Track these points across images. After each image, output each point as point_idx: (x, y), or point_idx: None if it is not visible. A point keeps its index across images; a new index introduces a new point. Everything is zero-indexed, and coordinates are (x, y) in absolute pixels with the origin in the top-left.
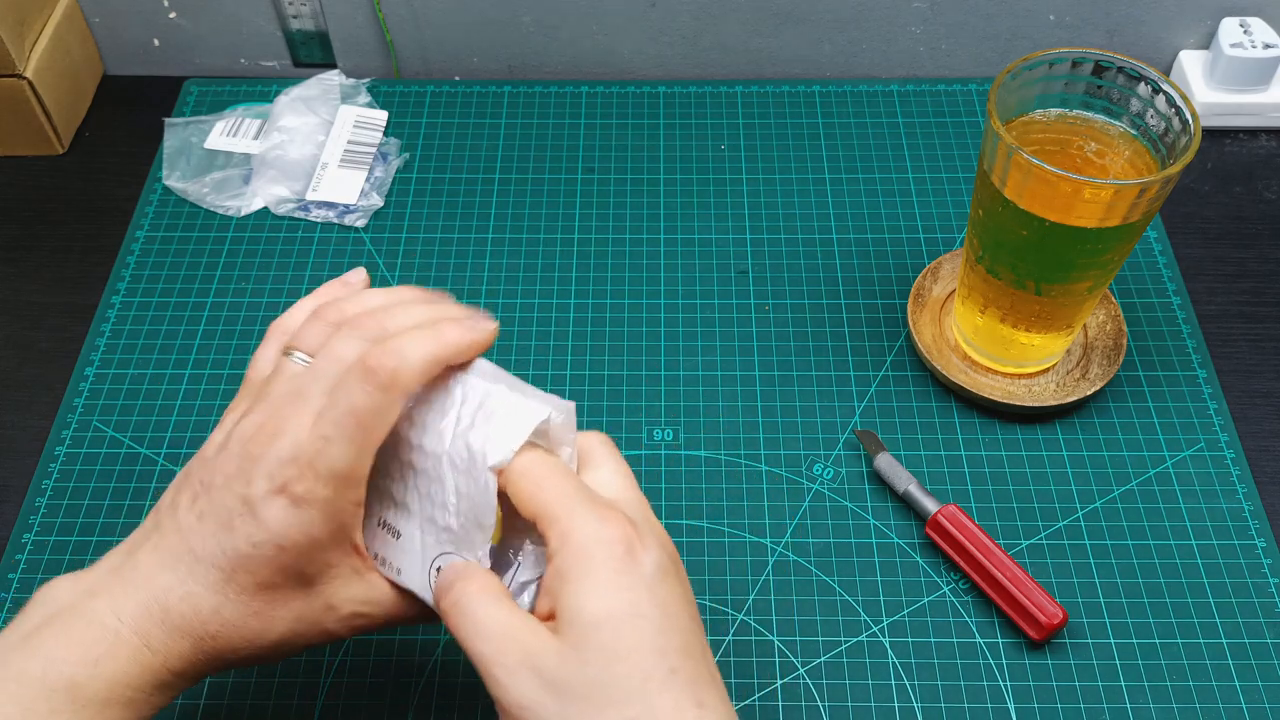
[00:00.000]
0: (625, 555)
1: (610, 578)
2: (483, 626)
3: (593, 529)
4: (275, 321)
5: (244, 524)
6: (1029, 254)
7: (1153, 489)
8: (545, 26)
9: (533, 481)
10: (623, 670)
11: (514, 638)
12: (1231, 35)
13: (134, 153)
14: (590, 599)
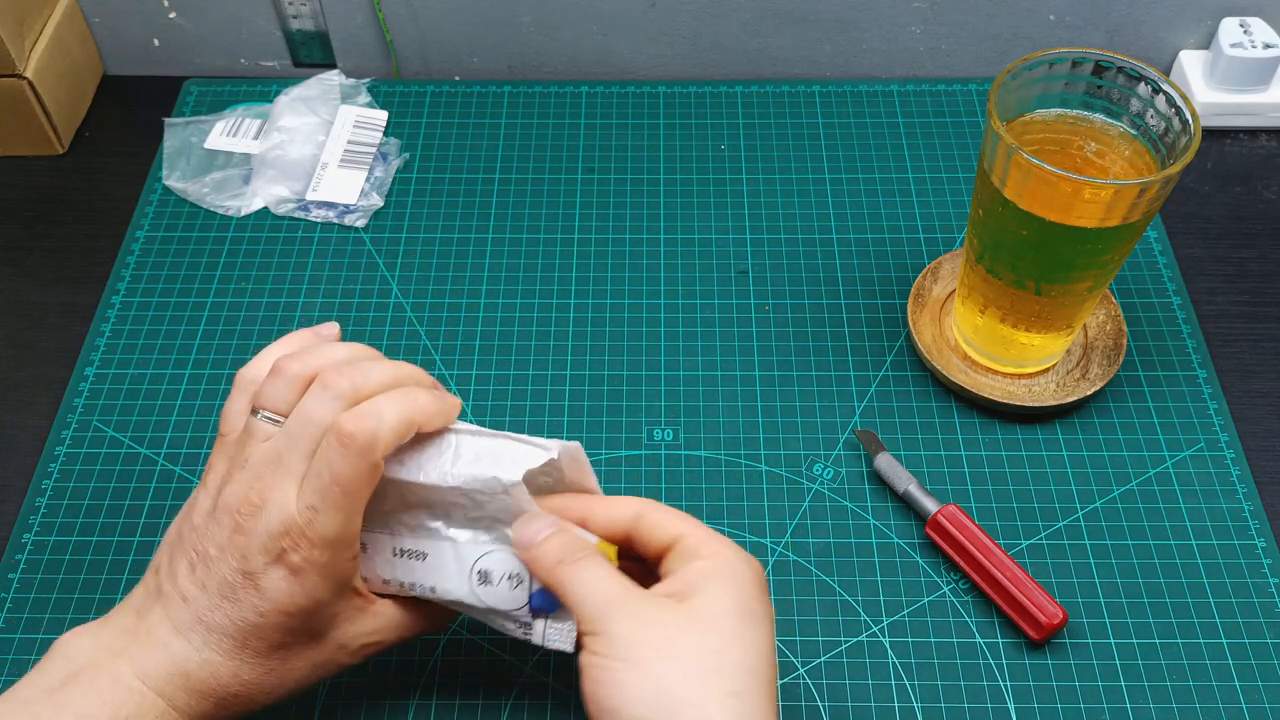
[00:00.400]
0: (762, 586)
1: (749, 590)
2: (604, 578)
3: (741, 556)
4: (241, 371)
5: (248, 595)
6: (1029, 254)
7: (1153, 489)
8: (545, 26)
9: (674, 513)
10: (737, 655)
11: (634, 591)
12: (1231, 35)
13: (134, 153)
14: (728, 595)
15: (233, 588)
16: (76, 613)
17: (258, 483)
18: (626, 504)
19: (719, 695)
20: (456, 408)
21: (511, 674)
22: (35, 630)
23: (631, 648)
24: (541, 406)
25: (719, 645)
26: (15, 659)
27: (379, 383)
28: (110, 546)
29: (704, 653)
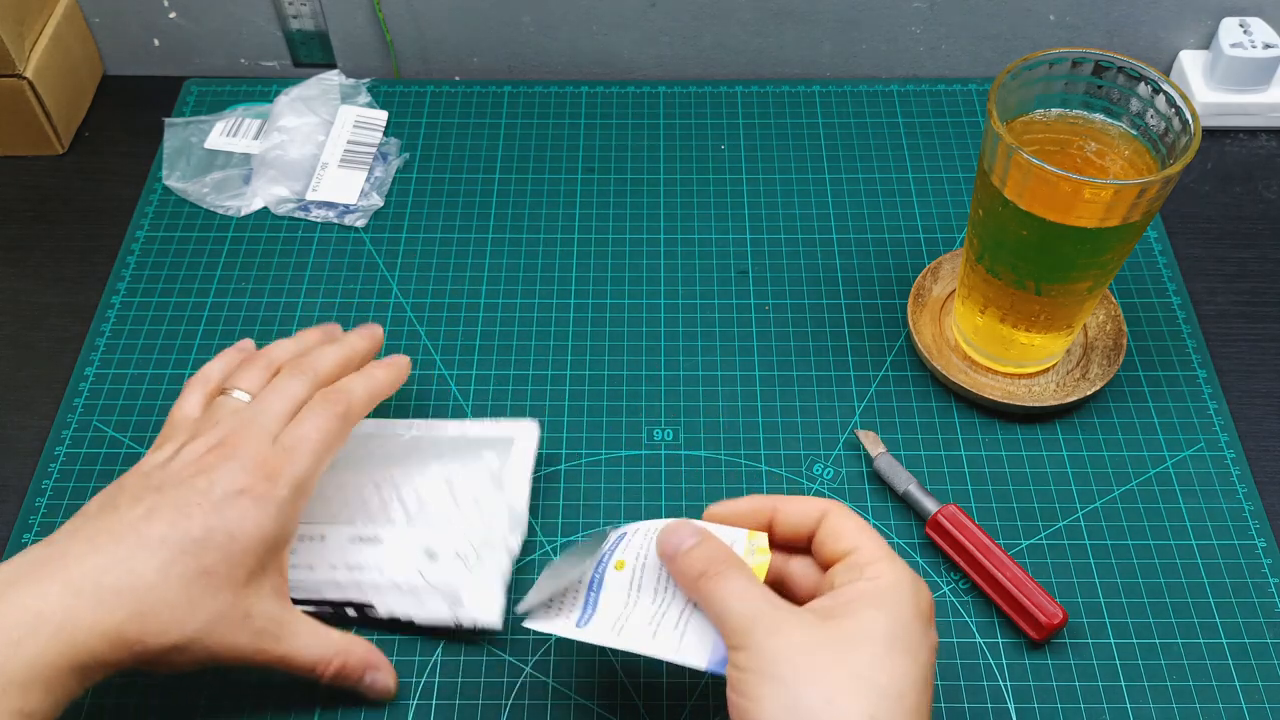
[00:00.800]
0: (926, 616)
1: (910, 620)
2: (747, 592)
3: (909, 580)
4: (193, 377)
5: (201, 513)
6: (1029, 254)
7: (1153, 489)
8: (545, 26)
9: (856, 522)
10: (883, 680)
11: (779, 607)
12: (1231, 35)
13: (134, 153)
14: (885, 620)
15: (188, 505)
16: None
17: (230, 435)
18: (814, 505)
19: (856, 716)
20: (406, 367)
21: (511, 674)
22: None
23: (773, 663)
24: (541, 406)
25: (861, 668)
26: None
27: (334, 362)
28: None
29: (845, 674)
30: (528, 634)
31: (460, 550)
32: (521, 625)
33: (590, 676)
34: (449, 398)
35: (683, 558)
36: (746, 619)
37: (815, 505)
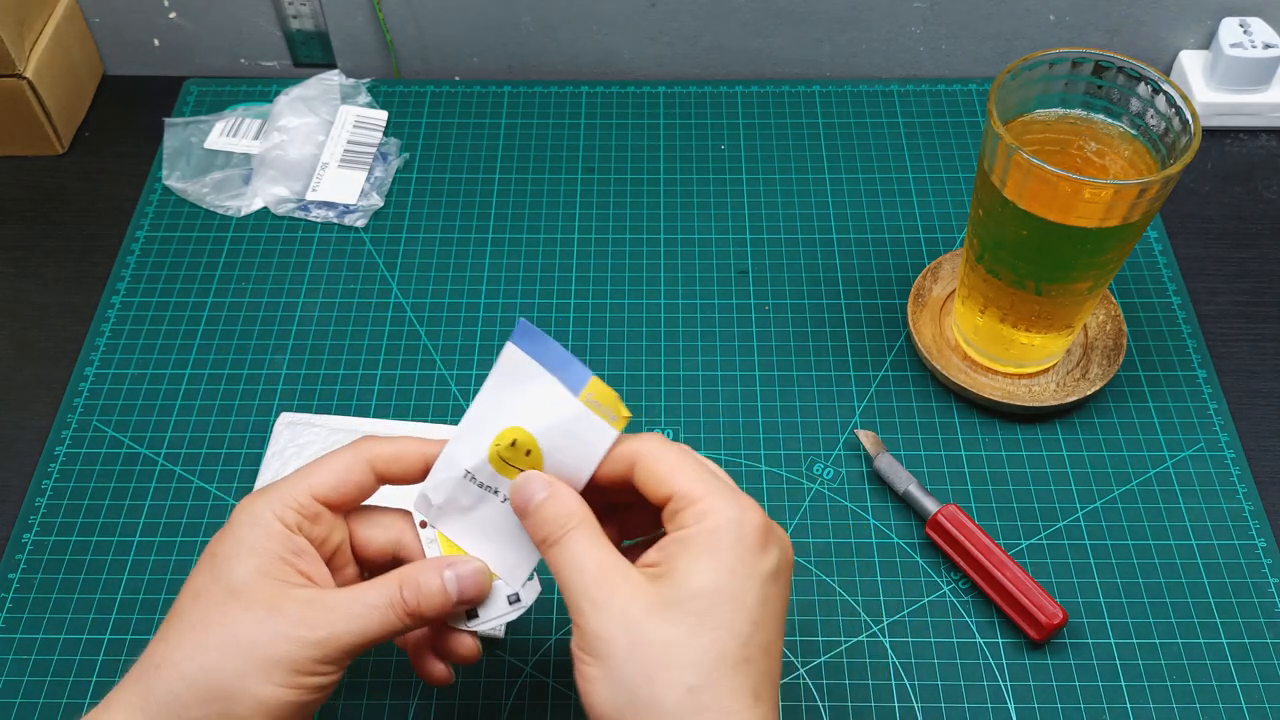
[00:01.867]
0: (754, 546)
1: (730, 560)
2: (580, 564)
3: (732, 516)
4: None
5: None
6: (1029, 254)
7: (1153, 489)
8: (545, 26)
9: (670, 462)
10: (704, 642)
11: (608, 579)
12: (1231, 35)
13: (134, 153)
14: (704, 571)
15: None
16: (76, 612)
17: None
18: (624, 449)
19: (676, 691)
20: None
21: (511, 674)
22: (35, 630)
23: (598, 643)
24: None
25: (680, 635)
26: (15, 659)
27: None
28: (110, 546)
29: (663, 644)
30: (528, 634)
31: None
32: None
33: None
34: (449, 397)
35: (531, 517)
36: (576, 593)
37: (624, 450)
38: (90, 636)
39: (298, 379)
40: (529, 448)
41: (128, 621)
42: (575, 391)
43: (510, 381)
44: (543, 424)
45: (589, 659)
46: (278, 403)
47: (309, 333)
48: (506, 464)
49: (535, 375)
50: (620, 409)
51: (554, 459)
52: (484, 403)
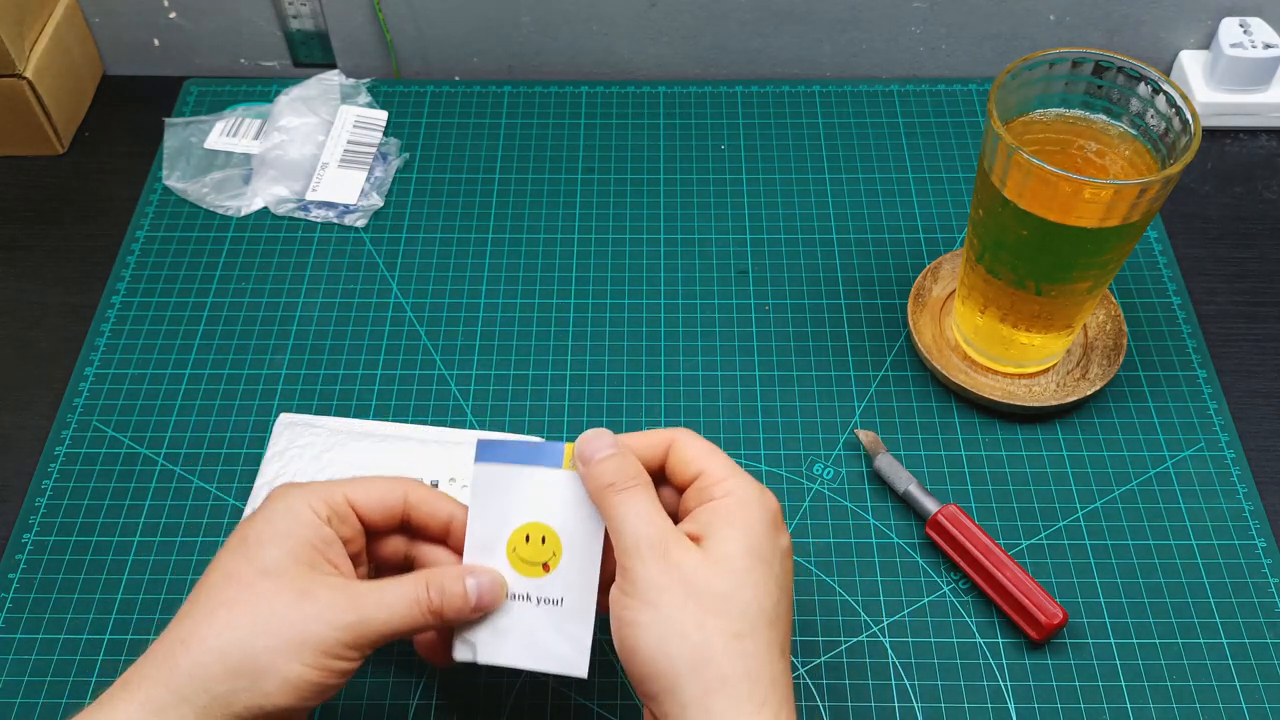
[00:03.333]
0: (774, 524)
1: (761, 532)
2: (643, 515)
3: (755, 494)
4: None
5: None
6: (1029, 254)
7: (1153, 489)
8: (545, 26)
9: (701, 447)
10: (747, 596)
11: (666, 534)
12: (1231, 35)
13: (134, 153)
14: (740, 537)
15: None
16: (76, 612)
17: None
18: (661, 436)
19: (725, 637)
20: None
21: (511, 674)
22: (35, 630)
23: (651, 589)
24: (541, 406)
25: (727, 588)
26: (15, 659)
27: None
28: (110, 546)
29: (714, 595)
30: None
31: None
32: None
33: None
34: (449, 397)
35: (596, 465)
36: (638, 541)
37: (662, 436)
38: (90, 636)
39: (298, 379)
40: (543, 534)
41: (128, 621)
42: (558, 465)
43: (494, 495)
44: (542, 508)
45: (638, 604)
46: (278, 403)
47: (309, 333)
48: (526, 562)
49: (514, 475)
50: None
51: (568, 532)
52: (479, 525)
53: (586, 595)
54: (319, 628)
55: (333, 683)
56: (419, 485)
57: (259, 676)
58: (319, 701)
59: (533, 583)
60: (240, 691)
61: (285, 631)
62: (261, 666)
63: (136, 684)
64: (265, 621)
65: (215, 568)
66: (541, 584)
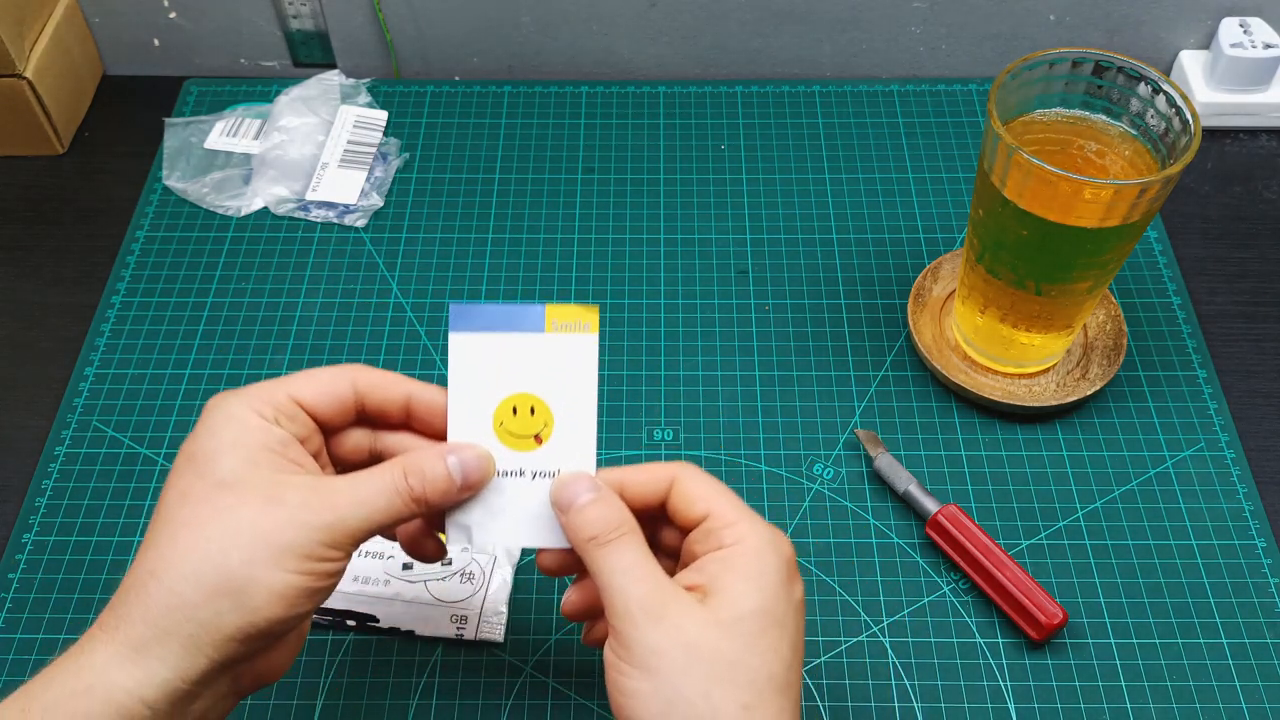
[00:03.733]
0: (789, 575)
1: (775, 586)
2: (633, 572)
3: (768, 539)
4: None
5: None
6: (1029, 254)
7: (1153, 489)
8: (545, 26)
9: (706, 485)
10: (756, 662)
11: (663, 591)
12: (1231, 35)
13: (134, 153)
14: (752, 593)
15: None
16: (76, 612)
17: None
18: (662, 471)
19: (734, 708)
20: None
21: (511, 674)
22: (35, 630)
23: (650, 655)
24: None
25: (736, 654)
26: (15, 659)
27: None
28: (110, 546)
29: (721, 662)
30: (528, 634)
31: (469, 571)
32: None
33: (590, 676)
34: None
35: (576, 513)
36: (628, 603)
37: (663, 471)
38: None
39: None
40: (531, 405)
41: None
42: (539, 329)
43: (475, 367)
44: (528, 376)
45: (636, 672)
46: None
47: (309, 333)
48: (516, 436)
49: (495, 344)
50: (583, 315)
51: (557, 400)
52: (461, 402)
53: (584, 465)
54: (294, 532)
55: (323, 585)
56: (366, 369)
57: (242, 593)
58: (314, 605)
59: (525, 457)
60: (226, 613)
61: (259, 541)
62: (242, 582)
63: (114, 625)
64: (235, 534)
65: (168, 491)
66: (535, 457)
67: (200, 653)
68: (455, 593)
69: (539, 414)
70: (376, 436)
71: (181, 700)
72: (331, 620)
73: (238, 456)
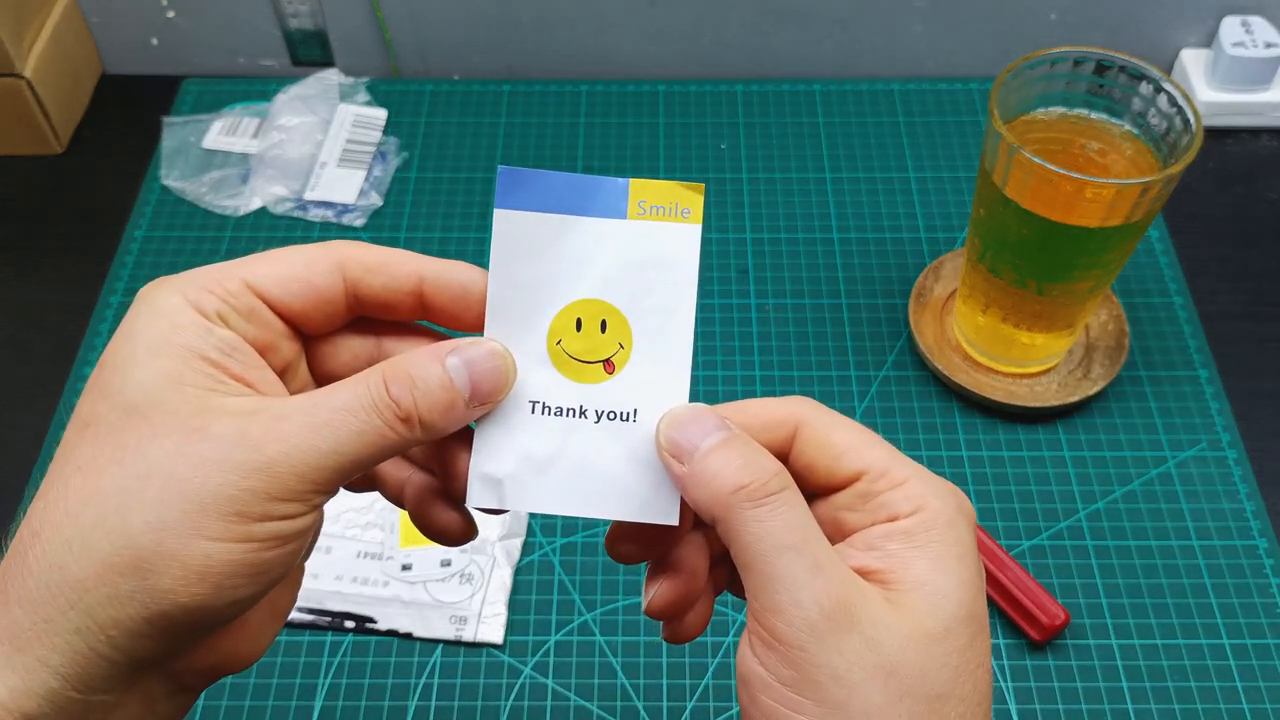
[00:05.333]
0: (971, 543)
1: (974, 572)
2: (803, 550)
3: (955, 504)
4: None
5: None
6: (1031, 253)
7: (1155, 489)
8: (544, 25)
9: (849, 431)
10: (968, 688)
11: (846, 585)
12: (1233, 34)
13: (132, 152)
14: (955, 588)
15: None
16: None
17: None
18: (779, 409)
19: None
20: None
21: (511, 675)
22: None
23: (834, 683)
24: None
25: (947, 682)
26: None
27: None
28: None
29: (930, 694)
30: (527, 635)
31: (468, 572)
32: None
33: (590, 678)
34: None
35: (706, 458)
36: (806, 600)
37: (780, 411)
38: None
39: None
40: (602, 317)
41: None
42: (620, 213)
43: (525, 256)
44: (601, 278)
45: (809, 704)
46: None
47: None
48: (578, 360)
49: (555, 228)
50: (682, 195)
51: (639, 314)
52: (504, 305)
53: (675, 400)
54: (220, 478)
55: (270, 554)
56: (359, 246)
57: (146, 570)
58: (261, 584)
59: (589, 391)
60: (125, 597)
61: (171, 493)
62: (146, 557)
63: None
64: (140, 483)
65: (74, 417)
66: (603, 392)
67: (94, 651)
68: (454, 594)
69: (612, 331)
70: (382, 344)
71: (81, 713)
72: (330, 621)
73: (156, 369)
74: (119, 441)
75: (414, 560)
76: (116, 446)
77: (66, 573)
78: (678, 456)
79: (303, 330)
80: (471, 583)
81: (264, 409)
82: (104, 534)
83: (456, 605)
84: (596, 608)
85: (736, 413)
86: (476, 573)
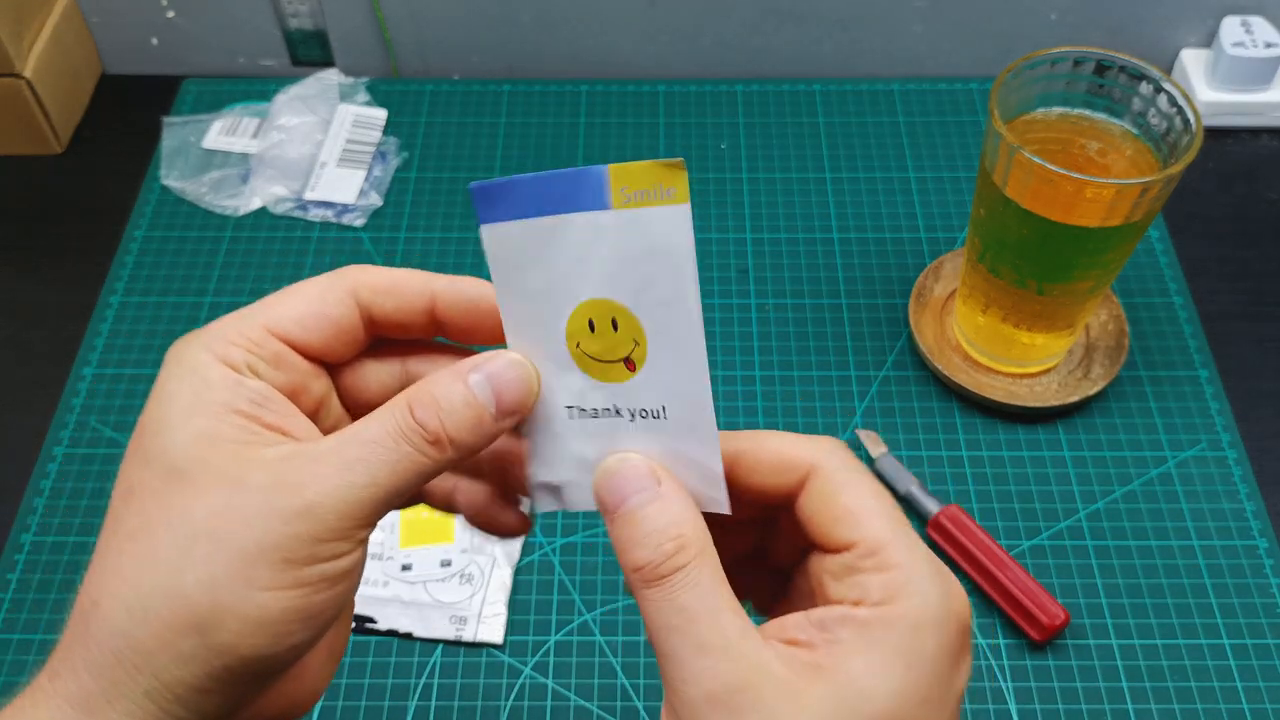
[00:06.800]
0: (954, 656)
1: (929, 679)
2: (701, 634)
3: (938, 602)
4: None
5: None
6: (1031, 253)
7: (1155, 489)
8: (544, 25)
9: (858, 491)
10: None
11: (756, 659)
12: (1233, 34)
13: (132, 152)
14: (893, 691)
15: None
16: None
17: None
18: (799, 450)
19: None
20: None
21: (511, 675)
22: (33, 631)
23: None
24: None
25: None
26: (13, 659)
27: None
28: None
29: None
30: (527, 635)
31: (468, 572)
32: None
33: (590, 678)
34: None
35: (626, 523)
36: (694, 688)
37: (799, 452)
38: None
39: None
40: (611, 315)
41: None
42: (604, 204)
43: (520, 266)
44: (602, 277)
45: None
46: None
47: None
48: (600, 361)
49: (540, 232)
50: (664, 176)
51: (644, 306)
52: (517, 320)
53: (696, 393)
54: (263, 527)
55: (322, 596)
56: (369, 269)
57: (205, 627)
58: (317, 627)
59: (617, 390)
60: (189, 656)
61: (219, 551)
62: (203, 615)
63: (59, 672)
64: (189, 543)
65: (118, 484)
66: (629, 390)
67: (164, 711)
68: (454, 594)
69: (624, 328)
70: (407, 367)
71: None
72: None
73: (192, 429)
74: (164, 504)
75: (414, 560)
76: (163, 509)
77: (131, 639)
78: (603, 511)
79: (327, 362)
80: (471, 583)
81: (299, 454)
82: (161, 597)
83: (456, 605)
84: (596, 608)
85: (753, 445)
86: (476, 573)
